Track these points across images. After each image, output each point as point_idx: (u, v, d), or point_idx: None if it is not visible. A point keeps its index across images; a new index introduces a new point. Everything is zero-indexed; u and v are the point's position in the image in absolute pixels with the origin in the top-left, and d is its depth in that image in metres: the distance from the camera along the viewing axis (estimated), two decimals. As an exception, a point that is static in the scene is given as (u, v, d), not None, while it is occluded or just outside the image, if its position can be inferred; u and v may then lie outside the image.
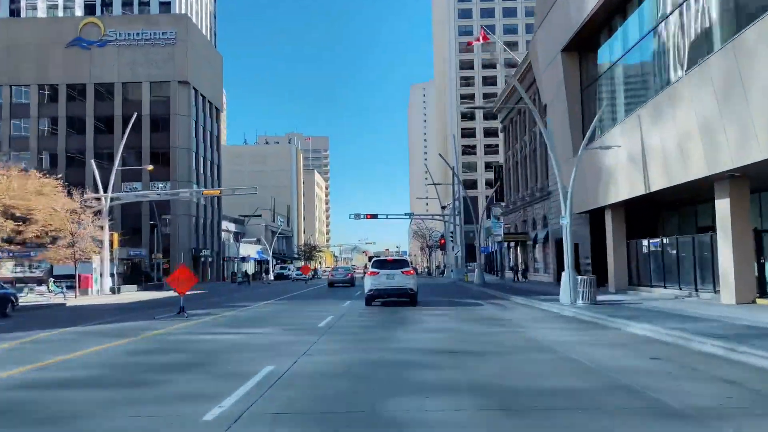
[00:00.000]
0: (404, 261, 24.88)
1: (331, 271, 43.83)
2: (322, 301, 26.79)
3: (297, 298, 29.66)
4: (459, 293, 32.48)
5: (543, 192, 36.90)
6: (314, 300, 27.84)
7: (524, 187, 43.18)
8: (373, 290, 22.67)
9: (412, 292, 22.69)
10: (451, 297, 28.98)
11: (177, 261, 67.26)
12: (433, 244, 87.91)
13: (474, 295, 30.61)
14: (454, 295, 31.00)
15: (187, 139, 68.89)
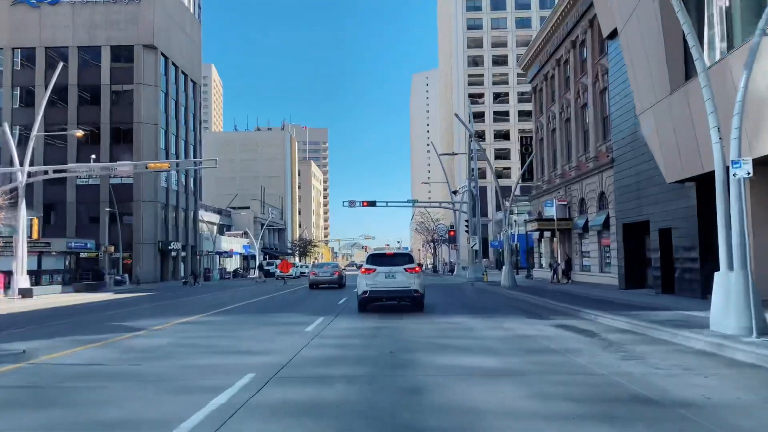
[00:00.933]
0: (407, 256, 18.84)
1: (313, 269, 33.93)
2: (281, 318, 16.91)
3: (247, 310, 19.64)
4: (486, 301, 22.77)
5: (599, 162, 26.94)
6: (272, 315, 17.89)
7: (565, 158, 33.28)
8: (369, 292, 17.36)
9: (417, 294, 17.43)
10: (482, 309, 19.19)
11: (141, 255, 57.55)
12: (439, 238, 77.88)
13: (512, 304, 20.78)
14: (480, 304, 21.26)
15: (154, 114, 58.96)
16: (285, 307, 20.25)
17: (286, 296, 27.23)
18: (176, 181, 64.36)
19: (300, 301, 23.81)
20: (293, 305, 21.43)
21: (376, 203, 55.19)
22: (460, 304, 21.04)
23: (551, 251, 36.14)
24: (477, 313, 17.06)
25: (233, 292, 32.19)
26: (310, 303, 22.39)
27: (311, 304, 21.99)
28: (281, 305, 21.30)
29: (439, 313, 17.03)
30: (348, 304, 20.91)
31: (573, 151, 31.43)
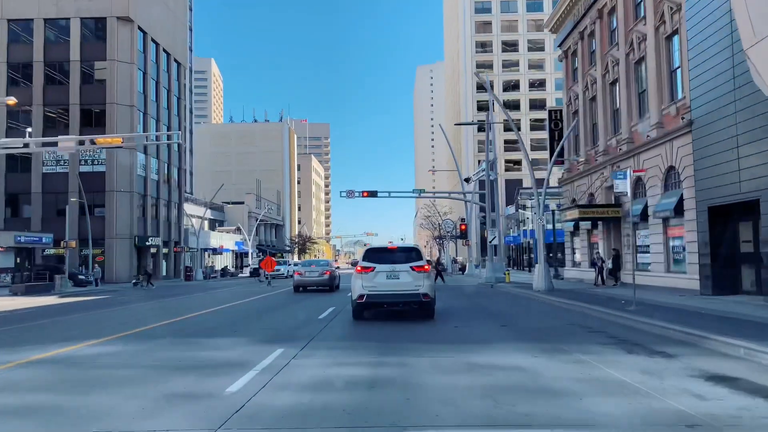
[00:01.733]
0: (413, 251, 15.14)
1: (298, 267, 27.64)
2: (210, 352, 10.23)
3: (174, 331, 12.71)
4: (526, 313, 16.66)
5: (665, 128, 20.60)
6: (201, 343, 10.89)
7: (610, 131, 26.89)
8: (366, 297, 13.52)
9: (426, 299, 13.74)
10: (532, 331, 12.91)
11: (114, 251, 51.37)
12: (447, 234, 71.41)
13: (567, 318, 14.48)
14: (524, 321, 15.10)
15: (129, 94, 52.71)
16: (237, 326, 13.82)
17: (255, 304, 20.92)
18: (156, 170, 58.15)
19: (267, 312, 17.46)
20: (252, 321, 15.02)
21: (378, 193, 48.93)
22: (492, 319, 14.76)
23: (589, 246, 29.76)
24: (529, 338, 10.75)
25: (197, 297, 25.93)
26: (279, 317, 16.05)
27: (279, 318, 15.62)
28: (235, 321, 14.88)
29: (473, 340, 10.73)
30: (333, 319, 14.66)
31: (622, 119, 25.03)
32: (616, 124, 26.41)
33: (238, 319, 15.09)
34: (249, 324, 13.97)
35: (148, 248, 54.92)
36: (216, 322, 14.38)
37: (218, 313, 16.71)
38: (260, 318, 15.55)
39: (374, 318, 14.74)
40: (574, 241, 32.18)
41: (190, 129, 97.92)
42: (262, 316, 15.84)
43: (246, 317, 15.68)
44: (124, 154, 52.08)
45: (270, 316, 15.80)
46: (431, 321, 13.98)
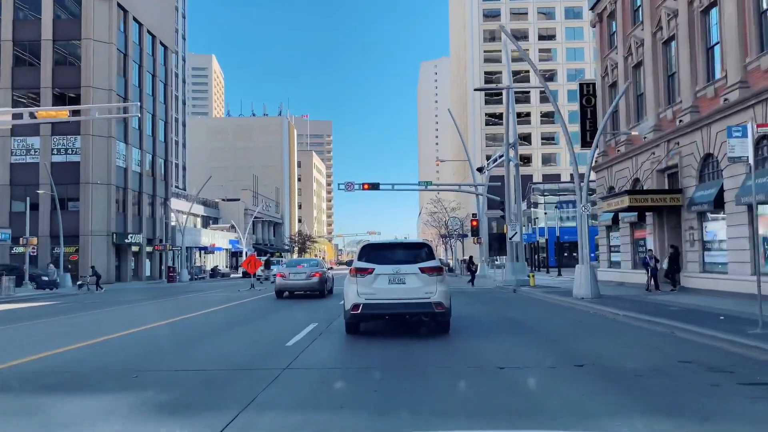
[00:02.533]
0: (423, 248, 11.52)
1: (281, 268, 22.75)
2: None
3: (32, 380, 7.33)
4: (591, 337, 11.68)
5: (751, 89, 15.62)
6: (39, 415, 6.21)
7: (664, 100, 21.93)
8: (362, 306, 10.50)
9: (440, 309, 10.60)
10: (641, 381, 7.59)
11: (89, 249, 46.63)
12: (454, 232, 66.40)
13: (685, 355, 9.29)
14: (604, 357, 9.90)
15: (107, 77, 47.95)
16: (147, 364, 8.33)
17: (215, 317, 15.92)
18: (139, 161, 53.38)
19: (219, 333, 12.20)
20: (178, 354, 9.47)
21: (380, 186, 44.11)
22: (542, 344, 9.99)
23: (632, 243, 24.81)
24: (645, 401, 5.80)
25: (148, 306, 21.04)
26: (229, 343, 10.81)
27: (228, 347, 10.28)
28: (152, 354, 9.40)
29: (538, 406, 5.77)
30: (308, 347, 9.77)
31: (682, 85, 20.09)
32: (672, 91, 21.46)
33: (161, 349, 10.01)
34: (168, 360, 8.91)
35: (128, 246, 50.16)
36: (120, 356, 9.23)
37: (142, 337, 11.67)
38: (199, 345, 10.54)
39: (370, 336, 9.91)
40: (611, 238, 27.21)
41: (183, 121, 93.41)
42: (204, 342, 10.86)
43: (177, 345, 10.59)
44: (101, 142, 47.39)
45: (216, 342, 10.85)
46: (446, 342, 9.22)
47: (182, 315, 15.72)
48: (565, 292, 21.51)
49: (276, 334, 11.54)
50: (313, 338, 10.73)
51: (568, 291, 22.26)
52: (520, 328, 12.59)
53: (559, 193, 72.64)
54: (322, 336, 11.03)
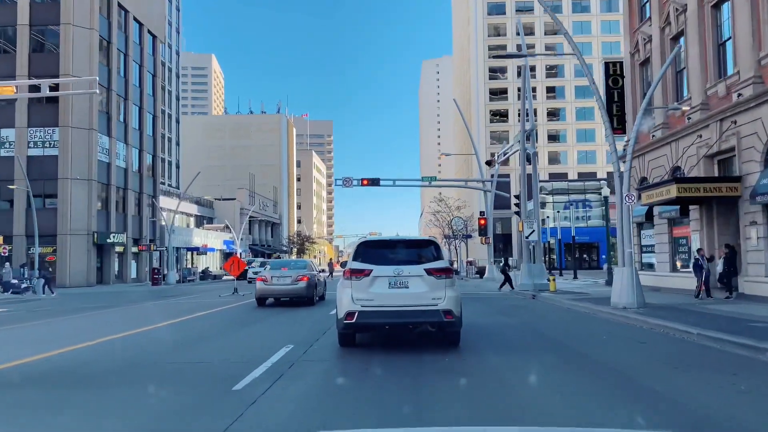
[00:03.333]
0: (430, 245, 10.10)
1: (264, 271, 19.42)
2: None
3: None
4: (674, 367, 8.18)
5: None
6: None
7: (713, 75, 18.60)
8: (358, 315, 9.13)
9: (449, 318, 9.18)
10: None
11: (68, 250, 43.38)
12: (458, 233, 62.95)
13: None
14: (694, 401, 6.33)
15: (88, 65, 44.71)
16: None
17: (164, 334, 12.49)
18: (124, 157, 50.15)
19: (134, 371, 8.33)
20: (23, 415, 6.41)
21: (380, 181, 40.93)
22: (628, 392, 6.57)
23: (671, 242, 21.50)
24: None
25: (96, 317, 17.73)
26: (138, 389, 7.12)
27: (129, 402, 6.73)
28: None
29: None
30: (264, 401, 6.34)
31: (739, 54, 16.80)
32: (723, 62, 18.16)
33: (32, 403, 6.73)
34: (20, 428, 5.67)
35: (111, 246, 46.91)
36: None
37: (41, 370, 8.44)
38: (97, 391, 7.16)
39: (360, 366, 6.69)
40: (643, 236, 23.89)
41: (177, 118, 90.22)
42: (109, 388, 7.37)
43: (70, 388, 7.30)
44: (81, 135, 44.20)
45: (132, 383, 7.44)
46: (472, 378, 6.00)
47: (125, 331, 12.42)
48: (598, 300, 18.23)
49: (227, 367, 8.23)
50: (279, 374, 7.44)
51: (600, 298, 19.01)
52: (563, 352, 9.33)
53: (569, 192, 69.44)
54: (294, 370, 7.75)
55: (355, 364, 8.29)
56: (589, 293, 22.23)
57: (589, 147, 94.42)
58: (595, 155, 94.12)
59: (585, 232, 65.18)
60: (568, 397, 6.14)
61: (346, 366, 8.13)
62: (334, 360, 8.74)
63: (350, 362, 8.44)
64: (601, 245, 70.40)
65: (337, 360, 8.73)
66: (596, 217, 70.68)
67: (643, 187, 20.62)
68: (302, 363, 8.29)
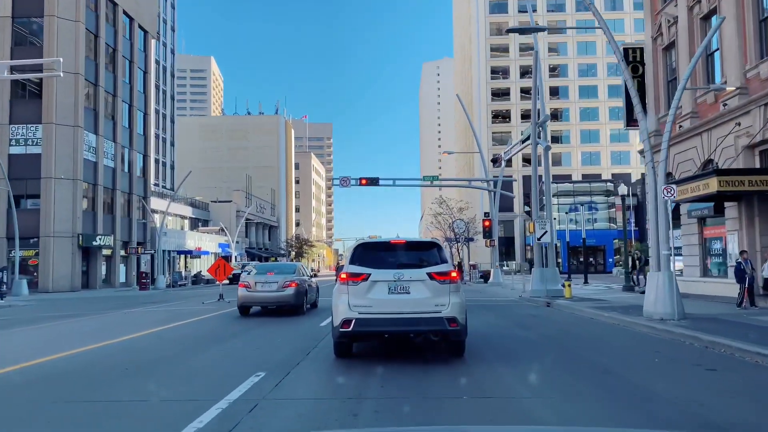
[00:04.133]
0: (433, 248, 9.61)
1: (248, 276, 17.20)
2: None
3: None
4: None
5: None
6: None
7: (758, 54, 16.51)
8: (355, 322, 8.56)
9: (454, 326, 8.57)
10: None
11: (50, 252, 41.26)
12: (460, 236, 60.75)
13: None
14: None
15: (74, 59, 42.65)
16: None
17: (105, 357, 10.31)
18: (113, 156, 48.05)
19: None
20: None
21: (379, 181, 38.91)
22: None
23: (701, 244, 19.38)
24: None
25: (49, 328, 15.60)
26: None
27: None
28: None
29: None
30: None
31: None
32: (766, 41, 16.06)
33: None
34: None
35: (98, 249, 44.75)
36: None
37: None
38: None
39: (347, 394, 4.59)
40: (677, 237, 21.72)
41: (171, 118, 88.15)
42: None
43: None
44: (66, 132, 42.12)
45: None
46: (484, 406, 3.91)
47: (69, 349, 10.28)
48: (624, 309, 16.10)
49: (164, 411, 6.08)
50: (233, 423, 5.31)
51: (626, 306, 16.90)
52: (613, 383, 7.22)
53: (574, 194, 67.34)
54: (254, 416, 5.61)
55: (337, 404, 6.16)
56: (609, 300, 20.11)
57: (594, 148, 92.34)
58: (599, 156, 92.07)
59: (591, 234, 63.11)
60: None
61: (328, 409, 6.00)
62: (313, 400, 6.62)
63: (333, 402, 6.31)
64: (608, 248, 68.33)
65: (316, 400, 6.59)
66: (602, 220, 68.62)
67: (674, 182, 18.47)
68: (269, 403, 6.16)
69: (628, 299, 20.67)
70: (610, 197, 68.30)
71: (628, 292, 25.08)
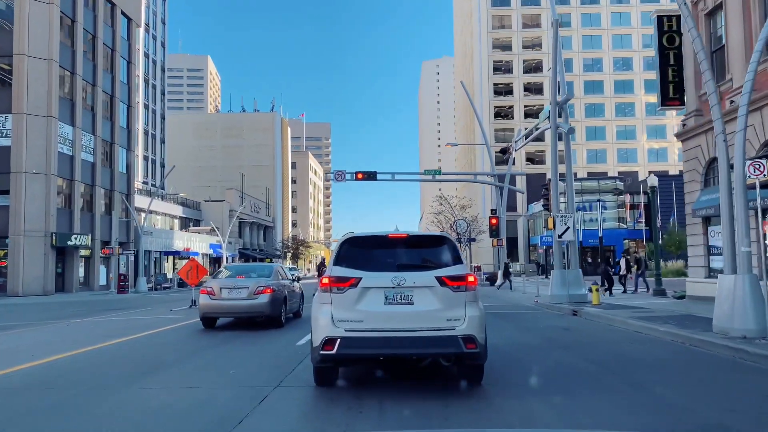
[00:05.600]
0: (443, 243, 7.13)
1: (214, 280, 14.00)
2: None
3: None
4: None
5: None
6: None
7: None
8: (341, 342, 6.37)
9: (471, 347, 6.37)
10: None
11: (20, 253, 38.10)
12: (462, 236, 57.55)
13: None
14: None
15: (47, 44, 39.58)
16: None
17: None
18: (92, 149, 44.89)
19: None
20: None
21: (377, 175, 35.86)
22: None
23: (759, 239, 16.23)
24: None
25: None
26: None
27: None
28: None
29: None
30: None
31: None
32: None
33: None
34: None
35: (74, 249, 41.56)
36: None
37: None
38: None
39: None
40: (711, 234, 18.60)
41: (162, 114, 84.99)
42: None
43: None
44: (38, 123, 38.98)
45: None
46: None
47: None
48: (678, 320, 12.98)
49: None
50: None
51: (676, 317, 13.81)
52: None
53: (582, 192, 64.19)
54: None
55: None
56: (647, 308, 17.00)
57: (600, 145, 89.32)
58: (606, 154, 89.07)
59: (595, 234, 60.17)
60: None
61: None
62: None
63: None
64: (618, 248, 65.28)
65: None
66: (611, 219, 65.53)
67: (763, 156, 15.08)
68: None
69: (667, 306, 17.57)
70: (619, 196, 65.20)
71: (660, 296, 21.98)
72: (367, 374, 7.68)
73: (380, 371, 7.77)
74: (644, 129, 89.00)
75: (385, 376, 7.64)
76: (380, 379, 7.54)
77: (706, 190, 18.60)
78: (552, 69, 20.24)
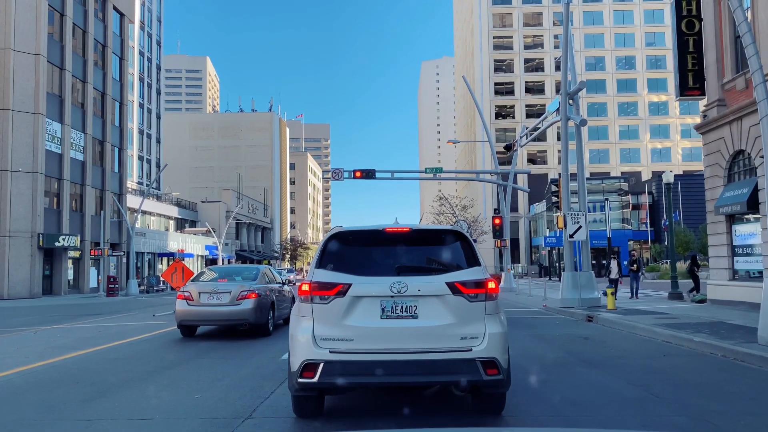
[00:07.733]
0: (453, 239, 5.61)
1: (190, 285, 12.59)
2: None
3: None
4: None
5: None
6: None
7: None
8: (325, 366, 4.96)
9: (492, 373, 5.02)
10: None
11: (5, 254, 36.67)
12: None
13: None
14: None
15: (34, 39, 38.22)
16: None
17: None
18: (82, 147, 43.51)
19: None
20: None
21: (376, 173, 34.45)
22: None
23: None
24: None
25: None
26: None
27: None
28: None
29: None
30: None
31: None
32: None
33: None
34: None
35: (63, 251, 40.15)
36: None
37: None
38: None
39: None
40: (736, 233, 17.21)
41: (158, 113, 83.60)
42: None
43: None
44: (24, 120, 37.61)
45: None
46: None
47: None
48: (710, 328, 11.60)
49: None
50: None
51: (706, 324, 12.43)
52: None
53: (587, 191, 62.94)
54: None
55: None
56: (669, 313, 15.64)
57: (602, 145, 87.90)
58: (608, 154, 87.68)
59: (604, 235, 58.80)
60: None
61: None
62: None
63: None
64: (623, 250, 63.90)
65: None
66: (616, 220, 64.13)
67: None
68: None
69: (689, 311, 16.19)
70: (624, 196, 63.84)
71: (677, 300, 20.61)
72: (359, 398, 6.31)
73: (375, 396, 6.40)
74: (647, 129, 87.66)
75: (380, 401, 6.26)
76: (375, 405, 6.17)
77: (730, 185, 17.22)
78: (563, 53, 18.87)
